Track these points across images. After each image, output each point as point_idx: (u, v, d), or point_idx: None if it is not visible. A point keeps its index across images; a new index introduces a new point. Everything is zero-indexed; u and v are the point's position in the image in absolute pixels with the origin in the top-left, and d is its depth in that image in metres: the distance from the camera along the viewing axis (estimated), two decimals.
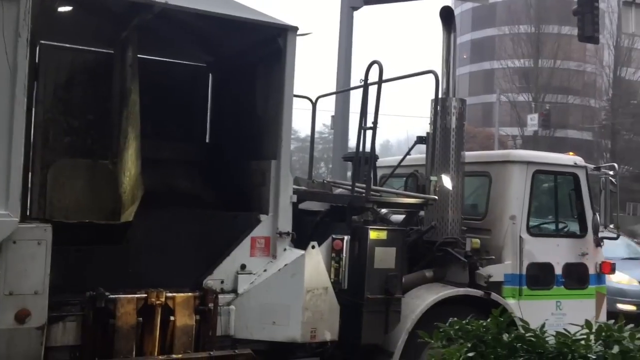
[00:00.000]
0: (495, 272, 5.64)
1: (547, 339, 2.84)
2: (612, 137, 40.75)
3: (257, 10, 4.97)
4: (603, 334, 2.75)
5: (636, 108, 40.94)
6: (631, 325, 2.75)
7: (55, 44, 5.57)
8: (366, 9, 13.80)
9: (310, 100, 6.80)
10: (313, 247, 4.85)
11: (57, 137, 5.56)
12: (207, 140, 6.30)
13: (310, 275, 4.79)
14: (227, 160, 5.74)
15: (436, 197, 5.43)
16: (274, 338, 4.76)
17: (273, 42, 4.91)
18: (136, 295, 4.37)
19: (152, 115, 5.29)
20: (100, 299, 4.17)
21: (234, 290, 4.71)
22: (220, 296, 4.61)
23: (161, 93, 5.69)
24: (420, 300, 5.26)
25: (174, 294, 4.48)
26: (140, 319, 4.34)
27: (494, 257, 5.73)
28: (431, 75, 5.32)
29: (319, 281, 4.83)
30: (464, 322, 3.03)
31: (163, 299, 4.43)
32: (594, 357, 2.62)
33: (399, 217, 5.72)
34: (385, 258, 5.00)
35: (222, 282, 4.70)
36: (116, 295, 4.25)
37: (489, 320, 2.98)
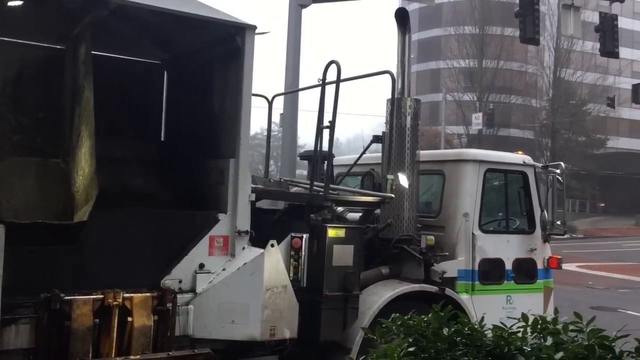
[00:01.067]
0: (449, 268, 5.75)
1: (485, 332, 2.89)
2: (552, 136, 42.24)
3: (214, 8, 4.92)
4: (539, 326, 2.80)
5: (575, 108, 42.56)
6: (565, 318, 2.86)
7: (4, 39, 5.38)
8: (315, 7, 13.84)
9: (267, 99, 6.78)
10: (272, 245, 4.84)
11: (6, 135, 5.39)
12: (162, 139, 6.21)
13: (270, 273, 4.78)
14: (184, 158, 5.67)
15: (393, 196, 5.49)
16: (233, 337, 4.75)
17: (231, 40, 4.88)
18: (92, 297, 4.29)
19: (106, 113, 5.19)
20: (55, 300, 4.08)
21: (193, 290, 4.68)
22: (178, 296, 4.56)
23: (115, 90, 5.60)
24: (377, 296, 5.32)
25: (132, 295, 4.41)
26: (97, 320, 4.27)
27: (447, 253, 5.84)
28: (383, 76, 5.39)
29: (278, 279, 4.83)
30: (406, 317, 3.05)
31: (120, 300, 4.37)
32: (529, 349, 2.67)
33: (355, 215, 5.78)
34: (343, 256, 5.04)
35: (180, 281, 4.66)
36: (71, 297, 4.16)
37: (430, 315, 3.03)
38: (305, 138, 30.31)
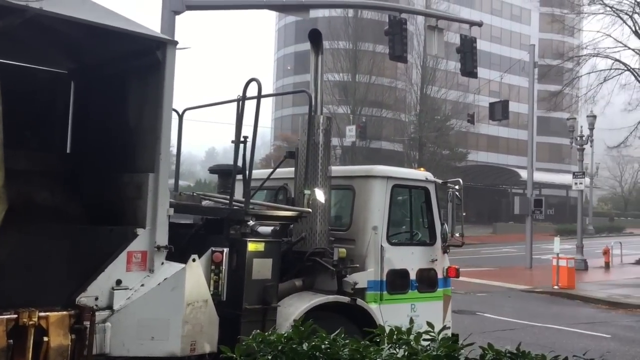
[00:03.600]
0: (360, 279, 5.97)
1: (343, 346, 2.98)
2: (419, 149, 44.76)
3: (133, 20, 4.86)
4: (394, 337, 2.96)
5: (439, 123, 45.42)
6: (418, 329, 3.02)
7: None
8: (190, 14, 13.69)
9: (177, 113, 6.73)
10: (194, 260, 4.83)
11: None
12: (68, 151, 5.98)
13: (191, 288, 4.77)
14: (94, 171, 5.53)
15: (310, 210, 5.67)
16: (152, 353, 4.69)
17: (149, 54, 4.83)
18: (5, 316, 4.12)
19: (8, 123, 4.92)
20: None
21: (110, 307, 4.58)
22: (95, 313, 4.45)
23: (17, 99, 5.30)
24: (294, 308, 5.47)
25: (48, 313, 4.28)
26: (11, 341, 4.10)
27: (358, 265, 6.05)
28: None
29: (199, 294, 4.82)
30: (266, 334, 3.12)
31: (35, 319, 4.23)
32: None
33: (267, 229, 5.87)
34: (262, 269, 5.13)
35: (96, 298, 4.54)
36: None
37: (291, 330, 3.08)
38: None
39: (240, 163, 5.52)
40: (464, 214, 7.12)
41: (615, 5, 30.39)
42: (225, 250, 5.05)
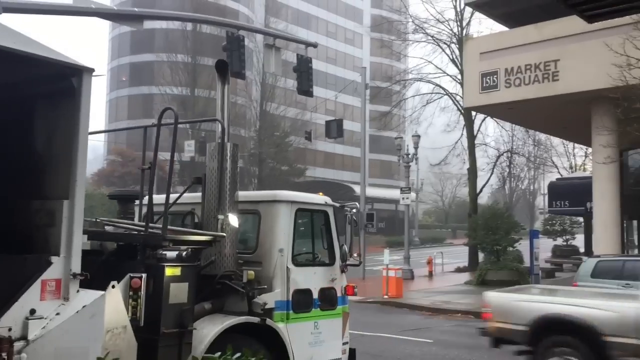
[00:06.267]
0: (268, 299, 6.18)
1: None
2: (259, 165, 45.16)
3: (44, 45, 4.73)
4: None
5: (279, 139, 46.29)
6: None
7: None
8: (10, 17, 12.78)
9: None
10: (113, 286, 4.86)
11: None
12: None
13: (110, 314, 4.77)
14: None
15: (225, 235, 5.86)
16: None
17: (62, 80, 4.76)
18: None
19: None
20: None
21: (24, 337, 4.44)
22: None
23: None
24: (207, 330, 5.59)
25: None
26: None
27: (265, 286, 6.24)
28: None
29: (118, 320, 4.86)
30: None
31: None
32: None
33: (173, 254, 5.81)
34: (179, 293, 5.24)
35: (10, 329, 4.38)
36: None
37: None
38: None
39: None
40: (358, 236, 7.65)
41: (435, 34, 33.33)
42: (144, 275, 5.11)
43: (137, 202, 6.69)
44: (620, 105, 14.80)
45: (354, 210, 7.34)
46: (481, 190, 35.03)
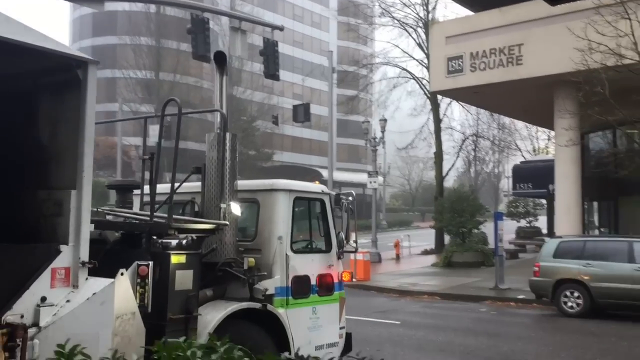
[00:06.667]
0: (268, 286, 6.34)
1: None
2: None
3: (48, 36, 4.78)
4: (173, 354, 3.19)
5: (246, 124, 45.95)
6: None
7: None
8: None
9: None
10: (122, 274, 5.00)
11: None
12: None
13: (120, 301, 4.91)
14: (3, 189, 5.24)
15: (227, 223, 6.01)
16: None
17: (66, 71, 4.83)
18: None
19: None
20: None
21: (36, 324, 4.58)
22: None
23: None
24: (211, 316, 5.74)
25: None
26: None
27: (265, 273, 6.39)
28: None
29: (127, 307, 5.00)
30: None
31: None
32: None
33: (174, 242, 5.89)
34: (184, 280, 5.42)
35: (22, 316, 4.50)
36: None
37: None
38: None
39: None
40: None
41: (402, 18, 33.40)
42: (151, 263, 5.26)
43: (136, 191, 6.80)
44: (581, 89, 15.12)
45: (350, 198, 7.52)
46: (447, 174, 35.48)
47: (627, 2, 14.26)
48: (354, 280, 20.00)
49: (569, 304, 13.98)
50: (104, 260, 5.10)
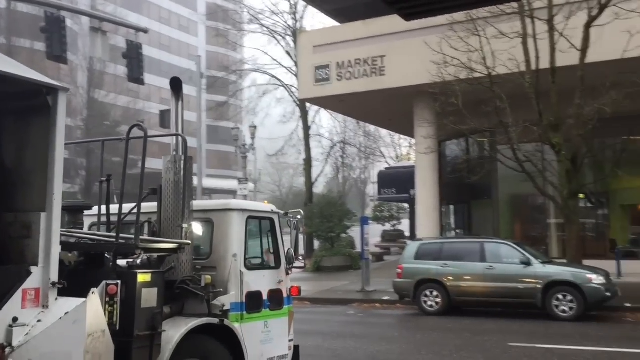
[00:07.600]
0: (225, 302, 6.60)
1: None
2: (87, 156, 42.47)
3: (19, 63, 5.00)
4: None
5: (109, 129, 43.84)
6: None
7: None
8: None
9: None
10: (93, 292, 5.09)
11: None
12: None
13: (91, 320, 5.01)
14: None
15: (190, 242, 6.30)
16: None
17: (34, 97, 4.98)
18: None
19: None
20: None
21: (9, 344, 4.73)
22: None
23: None
24: (173, 331, 5.92)
25: None
26: None
27: (221, 289, 6.63)
28: None
29: (98, 325, 5.08)
30: None
31: None
32: None
33: (138, 261, 6.02)
34: (150, 298, 5.60)
35: None
36: None
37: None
38: None
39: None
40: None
41: (270, 26, 33.68)
42: (119, 282, 5.40)
43: (87, 212, 6.93)
44: (438, 100, 16.10)
45: (299, 217, 7.94)
46: (316, 180, 36.24)
47: (477, 19, 15.43)
48: None
49: (429, 303, 14.67)
50: (68, 280, 5.25)
